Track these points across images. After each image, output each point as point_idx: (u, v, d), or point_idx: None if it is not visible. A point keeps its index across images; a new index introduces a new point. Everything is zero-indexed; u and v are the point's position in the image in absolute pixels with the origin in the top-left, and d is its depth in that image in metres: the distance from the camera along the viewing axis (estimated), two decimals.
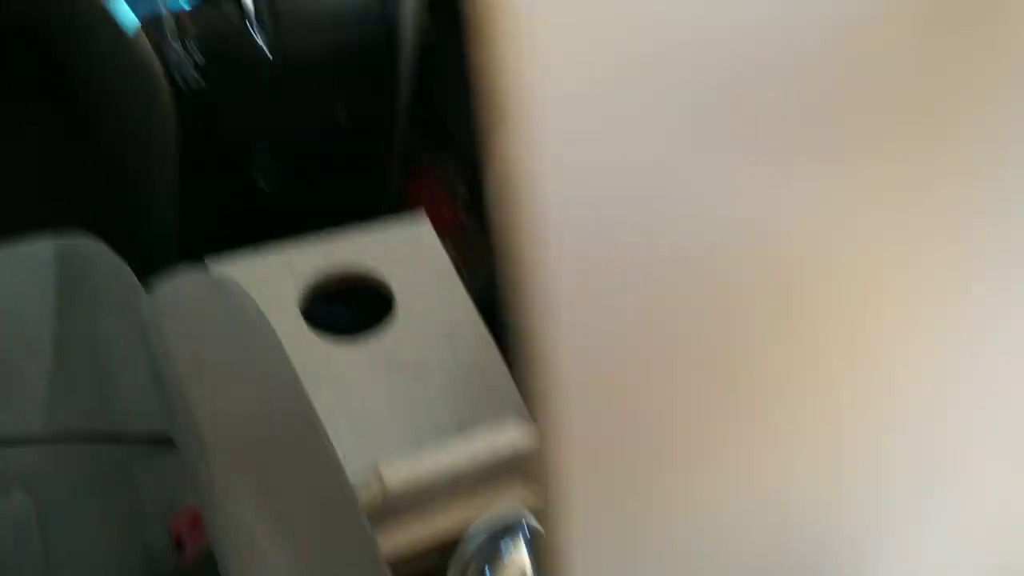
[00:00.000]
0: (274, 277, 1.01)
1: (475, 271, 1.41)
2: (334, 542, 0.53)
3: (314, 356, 0.96)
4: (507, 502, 0.69)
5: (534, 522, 0.68)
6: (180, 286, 0.61)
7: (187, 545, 0.75)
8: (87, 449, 0.83)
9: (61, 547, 0.80)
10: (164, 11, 1.00)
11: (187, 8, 1.01)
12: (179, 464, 0.57)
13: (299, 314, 0.99)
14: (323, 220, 1.11)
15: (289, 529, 0.52)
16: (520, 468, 0.71)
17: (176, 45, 1.01)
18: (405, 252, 1.07)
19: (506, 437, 0.70)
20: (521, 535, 0.67)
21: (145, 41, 1.00)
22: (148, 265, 0.98)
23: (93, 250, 0.95)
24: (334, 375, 0.95)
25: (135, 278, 0.95)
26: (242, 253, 1.03)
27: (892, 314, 0.30)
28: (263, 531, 0.51)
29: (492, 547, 0.67)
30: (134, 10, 1.00)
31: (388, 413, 0.93)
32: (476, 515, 0.69)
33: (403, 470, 0.65)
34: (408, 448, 0.90)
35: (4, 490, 0.82)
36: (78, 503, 0.81)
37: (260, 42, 1.04)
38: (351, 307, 1.07)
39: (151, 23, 1.00)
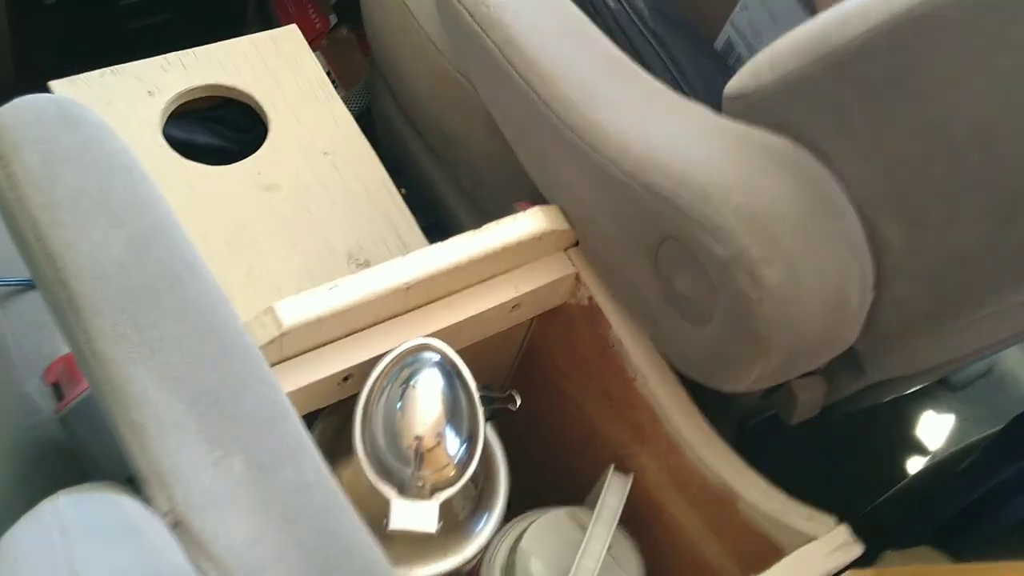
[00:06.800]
0: (129, 99, 0.91)
1: (349, 81, 1.32)
2: (228, 385, 0.49)
3: (182, 184, 0.88)
4: (414, 337, 0.65)
5: (447, 351, 0.65)
6: (22, 112, 0.53)
7: (66, 392, 0.71)
8: None
9: None
10: None
11: None
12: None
13: (162, 139, 0.90)
14: (179, 35, 1.00)
15: (177, 377, 0.48)
16: (422, 297, 0.67)
17: None
18: (274, 65, 0.98)
19: (405, 266, 0.66)
20: (432, 362, 0.64)
21: None
22: None
23: None
24: (206, 204, 0.88)
25: None
26: (89, 73, 0.92)
27: None
28: (151, 383, 0.47)
29: (401, 373, 0.64)
30: None
31: (272, 240, 0.88)
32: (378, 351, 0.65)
33: (299, 306, 0.61)
34: (299, 278, 0.85)
35: None
36: None
37: None
38: (218, 131, 0.99)
39: None
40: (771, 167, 0.59)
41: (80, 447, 0.65)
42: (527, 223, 0.69)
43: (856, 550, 0.63)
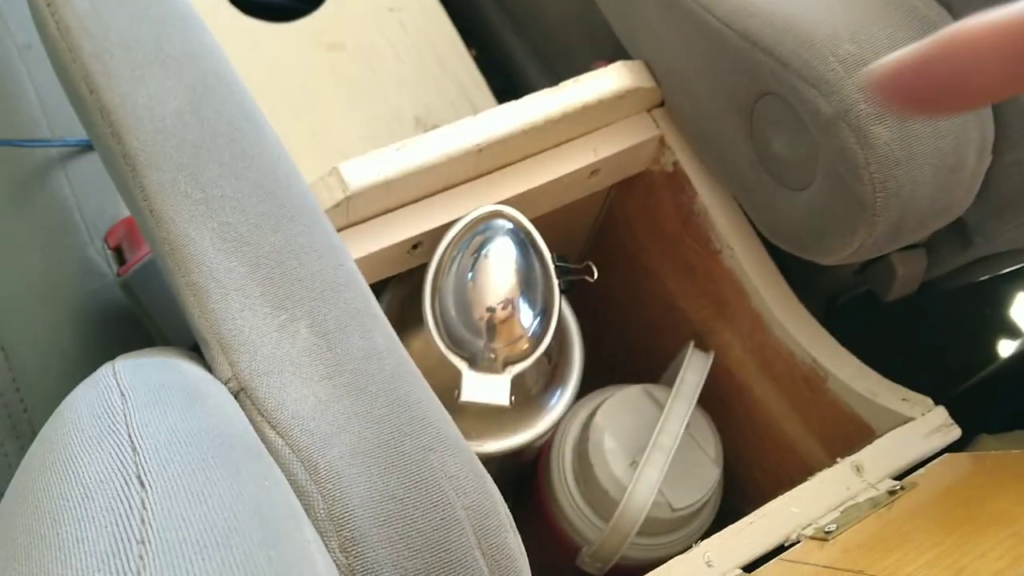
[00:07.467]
0: None
1: None
2: (293, 248, 0.46)
3: (243, 42, 0.84)
4: (486, 204, 0.62)
5: (520, 218, 0.61)
6: None
7: (127, 256, 0.69)
8: None
9: None
10: None
11: None
12: None
13: None
14: None
15: (239, 238, 0.45)
16: (495, 161, 0.63)
17: None
18: None
19: (477, 126, 0.61)
20: (504, 230, 0.60)
21: None
22: None
23: None
24: (268, 64, 0.84)
25: None
26: None
27: None
28: (211, 244, 0.44)
29: (472, 241, 0.61)
30: None
31: (336, 104, 0.84)
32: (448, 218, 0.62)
33: (365, 168, 0.57)
34: (365, 144, 0.82)
35: None
36: None
37: None
38: None
39: None
40: (886, 10, 0.52)
41: (142, 313, 0.63)
42: (608, 80, 0.64)
43: (954, 433, 0.59)
